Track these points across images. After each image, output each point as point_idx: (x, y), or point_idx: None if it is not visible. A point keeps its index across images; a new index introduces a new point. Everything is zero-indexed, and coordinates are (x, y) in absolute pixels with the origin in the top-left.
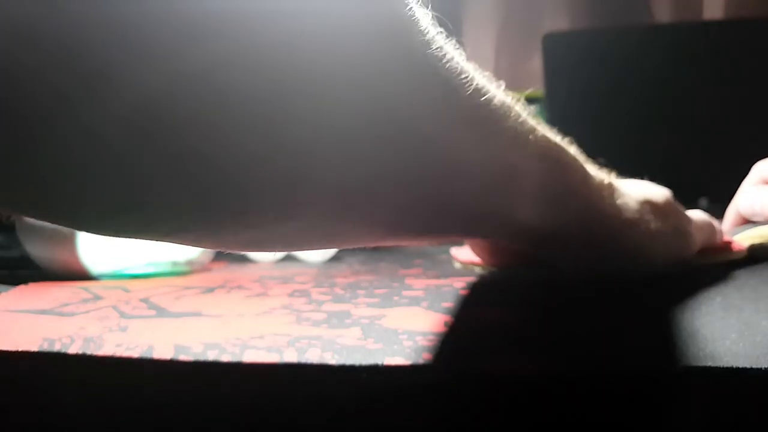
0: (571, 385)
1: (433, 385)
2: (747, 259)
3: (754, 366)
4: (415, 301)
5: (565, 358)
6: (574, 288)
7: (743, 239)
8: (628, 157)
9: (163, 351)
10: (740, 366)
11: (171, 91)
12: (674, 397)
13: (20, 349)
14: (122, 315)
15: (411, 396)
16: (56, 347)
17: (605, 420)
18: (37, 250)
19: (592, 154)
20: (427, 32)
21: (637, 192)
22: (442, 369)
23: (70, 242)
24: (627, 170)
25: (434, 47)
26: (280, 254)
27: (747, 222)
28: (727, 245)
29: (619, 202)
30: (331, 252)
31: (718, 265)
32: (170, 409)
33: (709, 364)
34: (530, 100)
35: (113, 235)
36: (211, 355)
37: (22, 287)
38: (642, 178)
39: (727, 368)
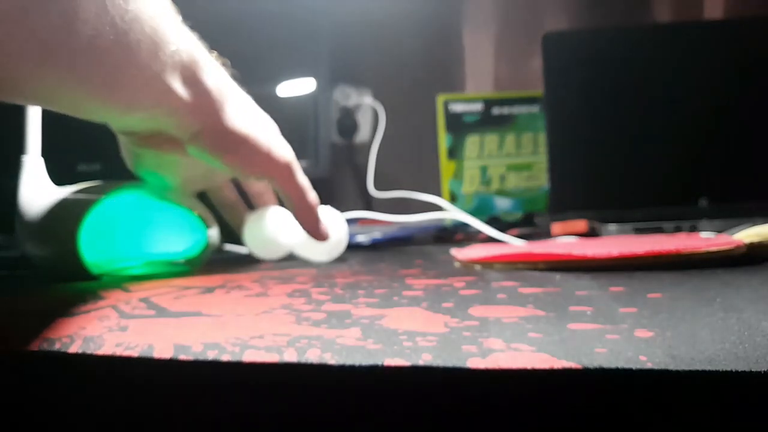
0: (571, 385)
1: (433, 385)
2: (747, 259)
3: (754, 369)
4: (415, 301)
5: (564, 358)
6: (574, 288)
7: (743, 237)
8: (628, 157)
9: (162, 351)
10: (740, 370)
11: None
12: (673, 399)
13: (20, 349)
14: (122, 315)
15: (411, 396)
16: (56, 347)
17: (604, 421)
18: (37, 250)
19: (592, 154)
20: None
21: None
22: (442, 369)
23: (70, 242)
24: (627, 169)
25: None
26: (280, 254)
27: None
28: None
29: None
30: (332, 252)
31: (718, 264)
32: (170, 409)
33: (709, 368)
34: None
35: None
36: (211, 355)
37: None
38: (641, 178)
39: (726, 372)
